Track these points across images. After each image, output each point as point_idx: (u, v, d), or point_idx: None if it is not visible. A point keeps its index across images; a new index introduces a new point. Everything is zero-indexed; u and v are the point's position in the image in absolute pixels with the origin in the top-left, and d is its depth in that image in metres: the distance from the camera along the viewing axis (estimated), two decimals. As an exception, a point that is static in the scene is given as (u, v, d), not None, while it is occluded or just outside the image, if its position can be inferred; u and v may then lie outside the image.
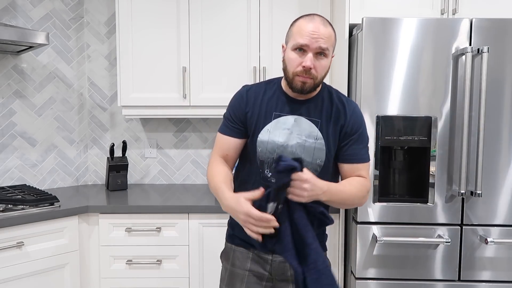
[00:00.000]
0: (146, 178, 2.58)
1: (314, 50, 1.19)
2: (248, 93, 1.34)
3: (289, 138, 1.27)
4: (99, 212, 1.93)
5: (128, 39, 2.18)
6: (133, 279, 1.94)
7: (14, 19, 2.22)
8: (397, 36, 1.65)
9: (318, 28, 1.19)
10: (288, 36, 1.27)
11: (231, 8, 2.16)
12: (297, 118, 1.28)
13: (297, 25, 1.23)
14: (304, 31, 1.19)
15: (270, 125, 1.28)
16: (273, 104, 1.30)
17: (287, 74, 1.26)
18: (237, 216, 1.16)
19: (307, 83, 1.22)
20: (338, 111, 1.30)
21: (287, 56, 1.25)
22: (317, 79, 1.23)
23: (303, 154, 1.26)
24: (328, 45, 1.20)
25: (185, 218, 1.93)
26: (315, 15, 1.24)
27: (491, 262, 1.69)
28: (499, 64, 1.65)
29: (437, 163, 1.68)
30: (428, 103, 1.67)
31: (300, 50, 1.21)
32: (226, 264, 1.42)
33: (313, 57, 1.19)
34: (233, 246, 1.40)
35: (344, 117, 1.29)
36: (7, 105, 2.22)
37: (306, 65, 1.19)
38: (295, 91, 1.27)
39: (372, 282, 1.72)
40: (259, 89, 1.35)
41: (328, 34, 1.20)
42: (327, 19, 1.24)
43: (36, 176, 2.34)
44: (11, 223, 1.70)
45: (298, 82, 1.23)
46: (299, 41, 1.19)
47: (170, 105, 2.20)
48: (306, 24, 1.20)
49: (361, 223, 1.72)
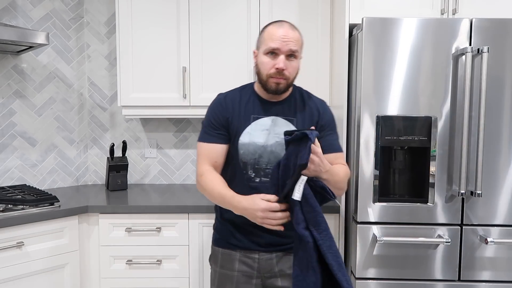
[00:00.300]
0: (146, 178, 2.58)
1: (285, 52, 1.30)
2: (226, 99, 1.42)
3: (268, 138, 1.36)
4: (99, 212, 1.93)
5: (128, 39, 2.18)
6: (133, 279, 1.94)
7: (14, 19, 2.22)
8: (397, 36, 1.65)
9: (288, 32, 1.31)
10: (259, 42, 1.38)
11: (231, 9, 2.16)
12: (273, 119, 1.38)
13: (267, 31, 1.34)
14: (275, 36, 1.30)
15: (250, 127, 1.37)
16: (250, 107, 1.39)
17: (261, 77, 1.35)
18: (254, 215, 1.21)
19: (281, 83, 1.33)
20: (310, 109, 1.42)
21: (260, 60, 1.35)
22: (290, 80, 1.34)
23: (283, 152, 1.30)
24: (298, 47, 1.33)
25: (185, 218, 1.93)
26: (283, 21, 1.35)
27: (491, 262, 1.69)
28: (499, 64, 1.65)
29: (437, 163, 1.68)
30: (428, 103, 1.67)
31: (272, 53, 1.31)
32: (215, 267, 1.48)
33: (284, 59, 1.30)
34: (220, 249, 1.46)
35: (317, 113, 1.41)
36: (7, 105, 2.22)
37: (279, 66, 1.29)
38: (270, 92, 1.36)
39: (372, 282, 1.72)
40: (234, 95, 1.43)
41: (296, 37, 1.33)
42: (294, 25, 1.37)
43: (36, 176, 2.34)
44: (11, 223, 1.69)
45: (272, 83, 1.32)
46: (271, 45, 1.30)
47: (170, 105, 2.20)
48: (276, 29, 1.31)
49: (361, 223, 1.72)
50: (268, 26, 1.36)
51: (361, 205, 1.71)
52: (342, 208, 1.89)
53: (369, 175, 1.70)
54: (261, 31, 1.39)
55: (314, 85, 2.18)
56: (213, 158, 1.40)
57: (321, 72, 2.17)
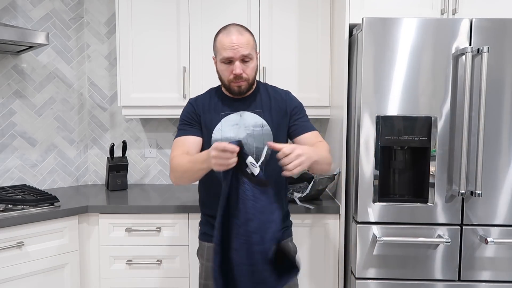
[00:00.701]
0: (146, 178, 2.58)
1: (238, 58, 1.39)
2: (196, 102, 1.54)
3: (238, 132, 1.46)
4: (99, 212, 1.93)
5: (128, 39, 2.18)
6: (133, 279, 1.94)
7: (14, 19, 2.22)
8: (397, 36, 1.65)
9: (237, 39, 1.38)
10: (214, 51, 1.46)
11: (231, 9, 2.16)
12: (241, 114, 1.48)
13: (218, 41, 1.42)
14: (226, 45, 1.38)
15: (220, 124, 1.47)
16: (219, 106, 1.50)
17: (224, 82, 1.47)
18: (210, 156, 1.19)
19: (242, 85, 1.43)
20: (276, 100, 1.52)
21: (219, 68, 1.45)
22: (250, 80, 1.44)
23: (254, 142, 1.45)
24: (249, 50, 1.40)
25: (185, 218, 1.93)
26: (230, 26, 1.43)
27: (491, 262, 1.69)
28: (499, 64, 1.65)
29: (437, 163, 1.68)
30: (428, 103, 1.67)
31: (228, 61, 1.40)
32: (202, 260, 1.56)
33: (240, 64, 1.39)
34: (206, 244, 1.54)
35: (284, 102, 1.52)
36: (7, 105, 2.22)
37: (236, 72, 1.39)
38: (234, 95, 1.47)
39: (372, 282, 1.72)
40: (204, 97, 1.55)
41: (246, 41, 1.40)
42: (242, 25, 1.45)
43: (36, 176, 2.34)
44: (11, 223, 1.69)
45: (234, 87, 1.44)
46: (224, 55, 1.39)
47: (170, 105, 2.20)
48: (225, 38, 1.39)
49: (361, 223, 1.72)
50: (218, 34, 1.44)
51: (361, 205, 1.71)
52: (342, 208, 1.89)
53: (369, 175, 1.70)
54: (214, 39, 1.46)
55: (314, 85, 2.18)
56: (185, 149, 1.45)
57: (321, 72, 2.17)
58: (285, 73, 2.18)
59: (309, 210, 1.88)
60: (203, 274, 1.55)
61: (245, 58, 1.40)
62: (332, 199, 2.06)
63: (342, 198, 1.89)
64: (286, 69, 2.18)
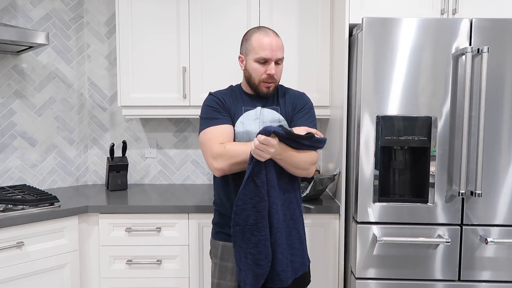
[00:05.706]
0: (146, 178, 2.58)
1: (275, 60, 1.45)
2: (219, 95, 1.54)
3: (258, 126, 1.48)
4: (99, 212, 1.93)
5: (128, 39, 2.18)
6: (133, 279, 1.94)
7: (14, 19, 2.22)
8: (397, 36, 1.65)
9: (276, 41, 1.45)
10: (247, 49, 1.49)
11: (231, 10, 2.16)
12: (261, 109, 1.51)
13: (255, 40, 1.45)
14: (265, 45, 1.43)
15: (242, 117, 1.50)
16: (240, 101, 1.53)
17: (253, 81, 1.49)
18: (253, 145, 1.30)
19: (271, 87, 1.49)
20: (290, 97, 1.57)
21: (250, 67, 1.48)
22: (277, 82, 1.51)
23: None
24: (283, 54, 1.49)
25: (185, 218, 1.93)
26: (265, 27, 1.48)
27: (491, 262, 1.69)
28: (499, 64, 1.65)
29: (437, 163, 1.68)
30: (428, 103, 1.67)
31: (263, 61, 1.44)
32: (215, 260, 1.55)
33: (274, 66, 1.45)
34: (220, 242, 1.53)
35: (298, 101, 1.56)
36: (7, 105, 2.22)
37: (271, 73, 1.45)
38: (262, 95, 1.51)
39: (372, 282, 1.72)
40: (225, 93, 1.56)
41: (281, 44, 1.47)
42: (275, 31, 1.50)
43: (36, 176, 2.34)
44: (11, 223, 1.69)
45: (263, 87, 1.48)
46: (261, 55, 1.43)
47: (170, 105, 2.20)
48: (264, 38, 1.44)
49: (361, 223, 1.72)
50: (254, 33, 1.47)
51: (361, 205, 1.71)
52: (342, 208, 1.89)
53: (369, 175, 1.70)
54: (246, 37, 1.49)
55: (314, 85, 2.18)
56: (224, 139, 1.44)
57: (321, 72, 2.17)
58: (285, 73, 2.16)
59: (309, 210, 1.88)
60: (216, 273, 1.54)
61: (278, 61, 1.46)
62: (332, 199, 2.06)
63: (342, 198, 1.89)
64: (286, 69, 2.16)
